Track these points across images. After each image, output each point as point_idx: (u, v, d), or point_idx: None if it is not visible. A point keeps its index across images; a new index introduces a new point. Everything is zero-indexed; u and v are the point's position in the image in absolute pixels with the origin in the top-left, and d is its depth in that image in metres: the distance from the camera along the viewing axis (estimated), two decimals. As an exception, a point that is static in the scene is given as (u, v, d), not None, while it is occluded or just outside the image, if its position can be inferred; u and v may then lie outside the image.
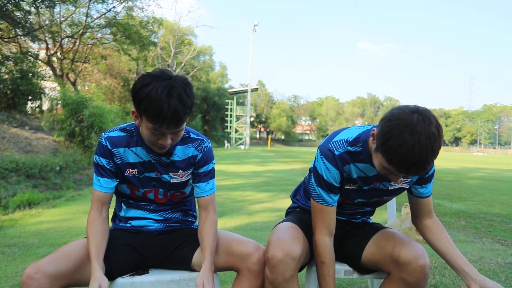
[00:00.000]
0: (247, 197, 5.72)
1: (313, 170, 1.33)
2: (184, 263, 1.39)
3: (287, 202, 5.83)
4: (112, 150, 1.32)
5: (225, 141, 40.73)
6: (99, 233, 1.28)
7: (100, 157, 1.32)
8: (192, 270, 1.38)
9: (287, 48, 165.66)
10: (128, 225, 1.44)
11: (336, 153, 1.25)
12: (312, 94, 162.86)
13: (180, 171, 1.38)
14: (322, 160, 1.26)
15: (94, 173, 1.35)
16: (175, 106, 1.11)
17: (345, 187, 1.33)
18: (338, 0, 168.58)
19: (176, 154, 1.35)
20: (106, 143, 1.32)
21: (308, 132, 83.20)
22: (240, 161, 15.15)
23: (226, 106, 43.65)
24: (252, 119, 57.38)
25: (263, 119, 66.92)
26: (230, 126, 43.20)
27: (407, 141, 0.98)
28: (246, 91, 42.49)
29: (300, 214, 1.55)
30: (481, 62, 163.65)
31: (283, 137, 68.40)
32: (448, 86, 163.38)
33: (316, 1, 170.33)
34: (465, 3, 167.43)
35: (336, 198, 1.32)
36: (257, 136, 71.62)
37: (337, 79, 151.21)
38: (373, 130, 1.15)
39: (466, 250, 3.02)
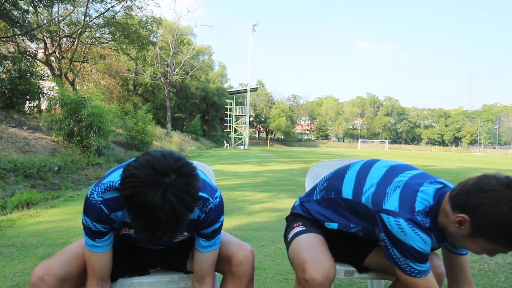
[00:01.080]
0: (246, 197, 5.70)
1: (399, 245, 1.11)
2: (179, 266, 1.38)
3: (287, 202, 5.78)
4: (110, 215, 1.11)
5: (225, 141, 40.71)
6: None
7: (94, 223, 1.10)
8: (188, 272, 1.36)
9: (286, 48, 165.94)
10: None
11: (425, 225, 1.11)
12: (311, 94, 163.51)
13: (185, 233, 1.22)
14: (414, 230, 1.08)
15: (85, 235, 1.13)
16: (165, 227, 0.92)
17: None
18: (337, 0, 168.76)
19: None
20: (102, 207, 1.09)
21: (307, 132, 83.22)
22: (240, 161, 15.14)
23: (226, 106, 43.65)
24: (251, 119, 57.36)
25: (263, 119, 66.92)
26: (230, 126, 43.18)
27: None
28: (245, 91, 42.47)
29: (312, 222, 1.46)
30: (481, 62, 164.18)
31: (282, 137, 68.37)
32: (448, 86, 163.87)
33: (315, 1, 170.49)
34: (465, 3, 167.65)
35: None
36: (257, 136, 71.66)
37: (336, 79, 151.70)
38: (459, 217, 1.02)
39: (466, 250, 3.02)
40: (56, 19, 15.88)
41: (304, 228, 1.39)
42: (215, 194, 1.17)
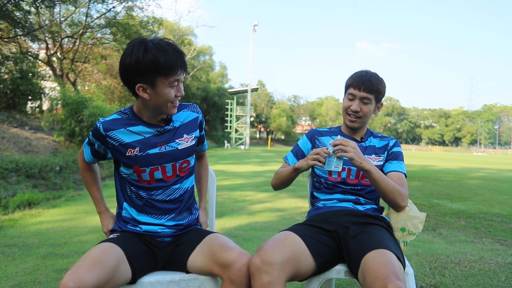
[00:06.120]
0: (247, 197, 5.71)
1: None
2: (179, 265, 1.38)
3: (287, 202, 5.80)
4: (106, 133, 1.35)
5: (225, 141, 40.71)
6: (98, 178, 1.56)
7: (92, 137, 1.39)
8: (187, 272, 1.36)
9: (286, 48, 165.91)
10: (138, 229, 1.42)
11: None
12: (312, 94, 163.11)
13: (185, 135, 1.44)
14: None
15: (84, 143, 1.47)
16: (176, 49, 1.26)
17: None
18: (337, 0, 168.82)
19: (175, 120, 1.42)
20: (99, 127, 1.35)
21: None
22: (240, 161, 15.14)
23: (226, 106, 43.62)
24: (252, 119, 57.32)
25: (263, 119, 66.89)
26: (230, 126, 43.17)
27: None
28: (246, 91, 42.47)
29: (306, 226, 1.49)
30: (481, 62, 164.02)
31: (283, 137, 68.35)
32: (448, 86, 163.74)
33: (315, 2, 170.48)
34: (464, 3, 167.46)
35: None
36: (257, 136, 71.60)
37: (336, 79, 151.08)
38: None
39: (466, 250, 3.02)
40: (58, 19, 15.89)
41: (288, 229, 1.46)
42: None
